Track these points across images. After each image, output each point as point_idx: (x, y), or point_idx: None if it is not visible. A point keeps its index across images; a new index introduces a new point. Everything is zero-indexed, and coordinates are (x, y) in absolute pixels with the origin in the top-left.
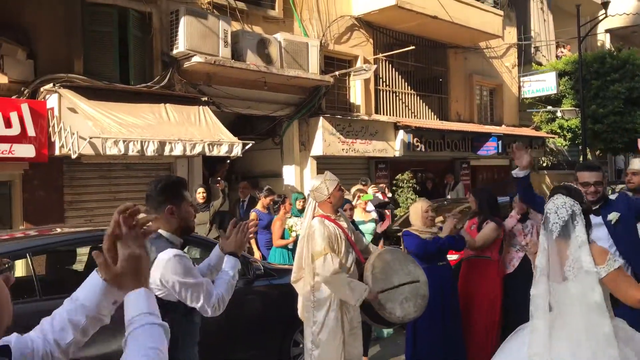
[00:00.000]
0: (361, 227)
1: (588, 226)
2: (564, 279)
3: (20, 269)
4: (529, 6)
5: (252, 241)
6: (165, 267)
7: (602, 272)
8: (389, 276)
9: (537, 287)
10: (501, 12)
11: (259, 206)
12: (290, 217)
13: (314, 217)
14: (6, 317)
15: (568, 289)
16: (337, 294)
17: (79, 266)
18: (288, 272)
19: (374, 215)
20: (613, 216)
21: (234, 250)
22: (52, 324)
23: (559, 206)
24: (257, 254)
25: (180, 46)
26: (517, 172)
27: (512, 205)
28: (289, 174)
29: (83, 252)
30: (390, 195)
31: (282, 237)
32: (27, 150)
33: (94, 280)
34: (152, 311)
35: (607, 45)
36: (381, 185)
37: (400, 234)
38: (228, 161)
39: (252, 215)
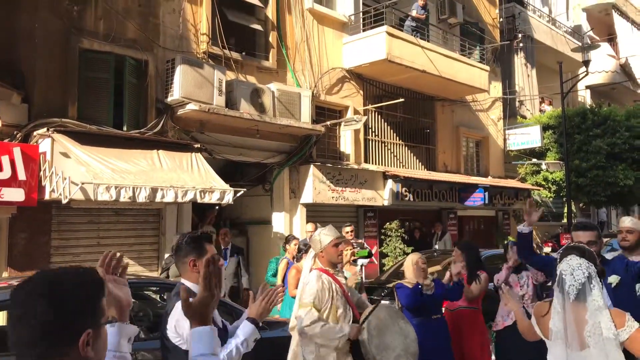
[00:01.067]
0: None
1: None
2: (587, 345)
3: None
4: (514, 62)
5: None
6: (179, 316)
7: (623, 334)
8: (382, 333)
9: (553, 353)
10: (487, 67)
11: (288, 255)
12: None
13: (312, 269)
14: None
15: (589, 356)
16: (321, 342)
17: None
18: (282, 324)
19: (361, 263)
20: (614, 279)
21: (254, 316)
22: None
23: (574, 268)
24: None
25: (175, 94)
26: (522, 228)
27: (506, 256)
28: (279, 221)
29: None
30: (362, 241)
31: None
32: (16, 194)
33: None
34: (213, 351)
35: (588, 100)
36: (359, 241)
37: (390, 285)
38: (217, 207)
39: (283, 263)
